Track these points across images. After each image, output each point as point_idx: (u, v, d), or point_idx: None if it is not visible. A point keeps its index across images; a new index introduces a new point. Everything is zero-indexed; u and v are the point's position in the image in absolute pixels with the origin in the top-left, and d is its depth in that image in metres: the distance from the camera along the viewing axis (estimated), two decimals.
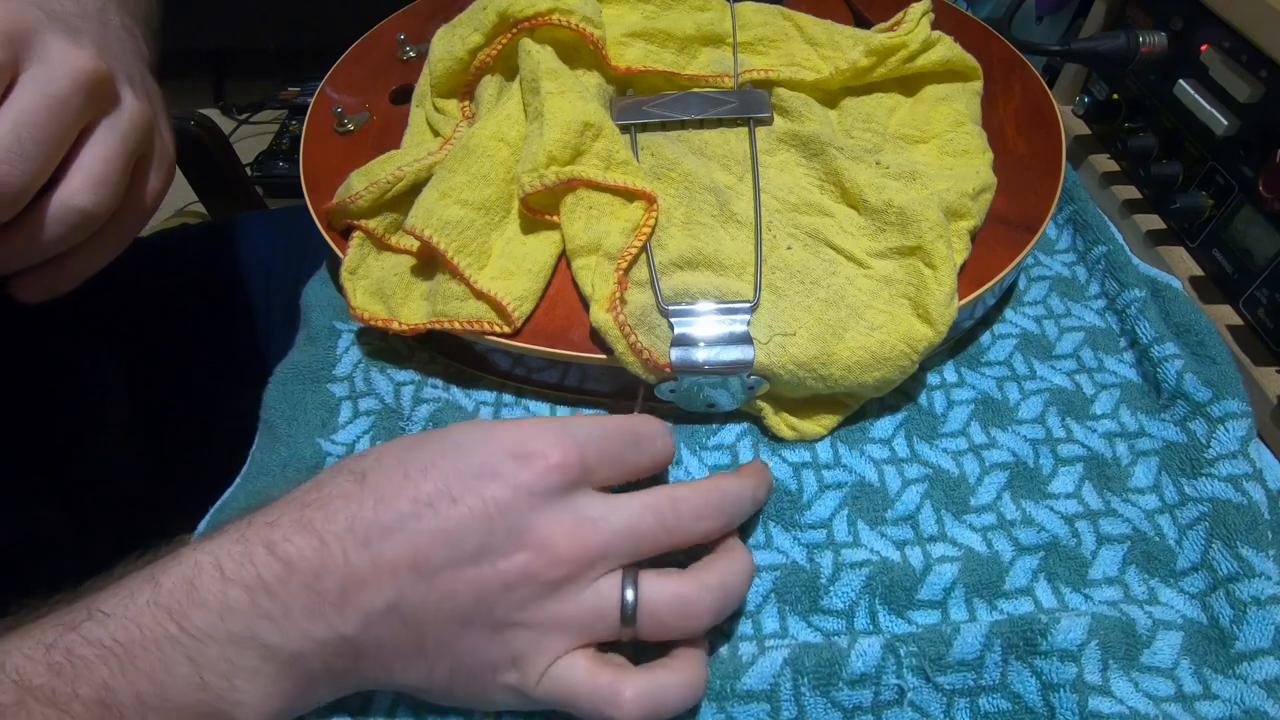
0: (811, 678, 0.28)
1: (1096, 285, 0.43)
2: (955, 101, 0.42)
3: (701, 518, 0.28)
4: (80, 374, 0.52)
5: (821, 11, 0.47)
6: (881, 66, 0.42)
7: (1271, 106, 0.40)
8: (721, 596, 0.27)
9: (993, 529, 0.34)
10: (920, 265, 0.35)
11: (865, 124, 0.42)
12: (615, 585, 0.26)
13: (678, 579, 0.27)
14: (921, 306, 0.34)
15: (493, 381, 0.39)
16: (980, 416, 0.37)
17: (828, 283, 0.35)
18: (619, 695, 0.25)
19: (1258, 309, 0.42)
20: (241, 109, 1.69)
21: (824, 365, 0.34)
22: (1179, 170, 0.47)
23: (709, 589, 0.27)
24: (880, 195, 0.37)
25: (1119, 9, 0.51)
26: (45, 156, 0.30)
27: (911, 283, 0.35)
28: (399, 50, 0.49)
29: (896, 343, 0.34)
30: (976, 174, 0.39)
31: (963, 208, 0.37)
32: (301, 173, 0.42)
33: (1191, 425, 0.35)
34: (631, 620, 0.26)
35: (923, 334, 0.34)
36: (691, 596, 0.26)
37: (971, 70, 0.43)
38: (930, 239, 0.35)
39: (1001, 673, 0.28)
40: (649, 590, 0.26)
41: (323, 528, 0.24)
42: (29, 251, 0.32)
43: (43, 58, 0.30)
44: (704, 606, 0.26)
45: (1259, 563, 0.31)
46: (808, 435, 0.36)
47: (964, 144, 0.41)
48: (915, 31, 0.42)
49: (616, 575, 0.26)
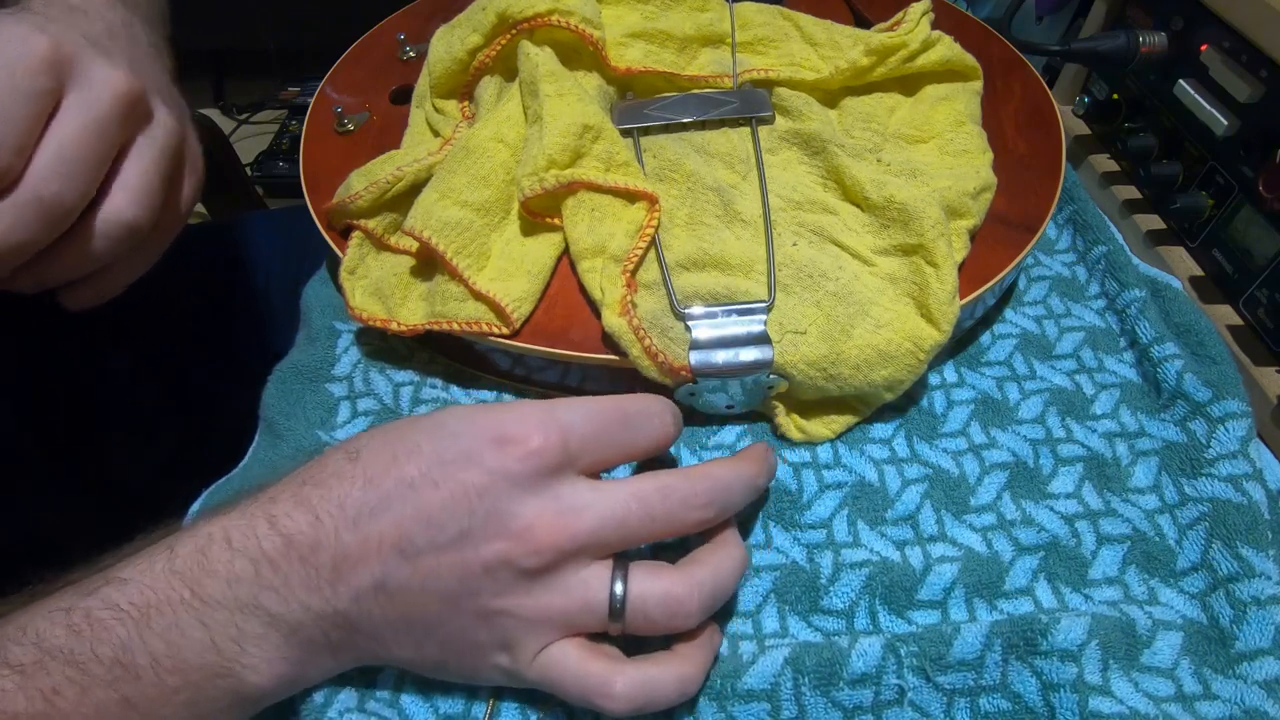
0: (812, 677, 0.28)
1: (1096, 285, 0.43)
2: (955, 101, 0.42)
3: (693, 507, 0.27)
4: (80, 374, 0.52)
5: (821, 11, 0.47)
6: (881, 66, 0.42)
7: (1271, 106, 0.40)
8: (712, 593, 0.27)
9: (993, 529, 0.34)
10: (922, 263, 0.35)
11: (865, 124, 0.42)
12: (604, 578, 0.26)
13: (669, 576, 0.27)
14: (924, 306, 0.34)
15: (493, 381, 0.39)
16: (980, 416, 0.37)
17: (835, 276, 0.35)
18: (610, 686, 0.25)
19: (1258, 309, 0.42)
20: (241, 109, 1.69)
21: (833, 364, 0.34)
22: (1179, 170, 0.47)
23: (699, 586, 0.26)
24: (881, 191, 0.37)
25: (1119, 9, 0.51)
26: (91, 175, 0.32)
27: (915, 281, 0.35)
28: (399, 50, 0.49)
29: (903, 341, 0.34)
30: (977, 174, 0.39)
31: (963, 206, 0.37)
32: (301, 173, 0.42)
33: (1191, 425, 0.35)
34: (620, 616, 0.26)
35: (928, 334, 0.34)
36: (681, 595, 0.26)
37: (971, 70, 0.43)
38: (931, 237, 0.35)
39: (1001, 673, 0.28)
40: (638, 587, 0.26)
41: (318, 505, 0.25)
42: (79, 264, 0.34)
43: (84, 81, 0.32)
44: (693, 605, 0.26)
45: (1259, 563, 0.31)
46: (815, 438, 0.36)
47: (964, 144, 0.41)
48: (915, 31, 0.42)
49: (605, 567, 0.26)
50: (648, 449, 0.28)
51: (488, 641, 0.26)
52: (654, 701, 0.26)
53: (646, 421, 0.28)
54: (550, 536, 0.25)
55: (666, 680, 0.26)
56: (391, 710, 0.29)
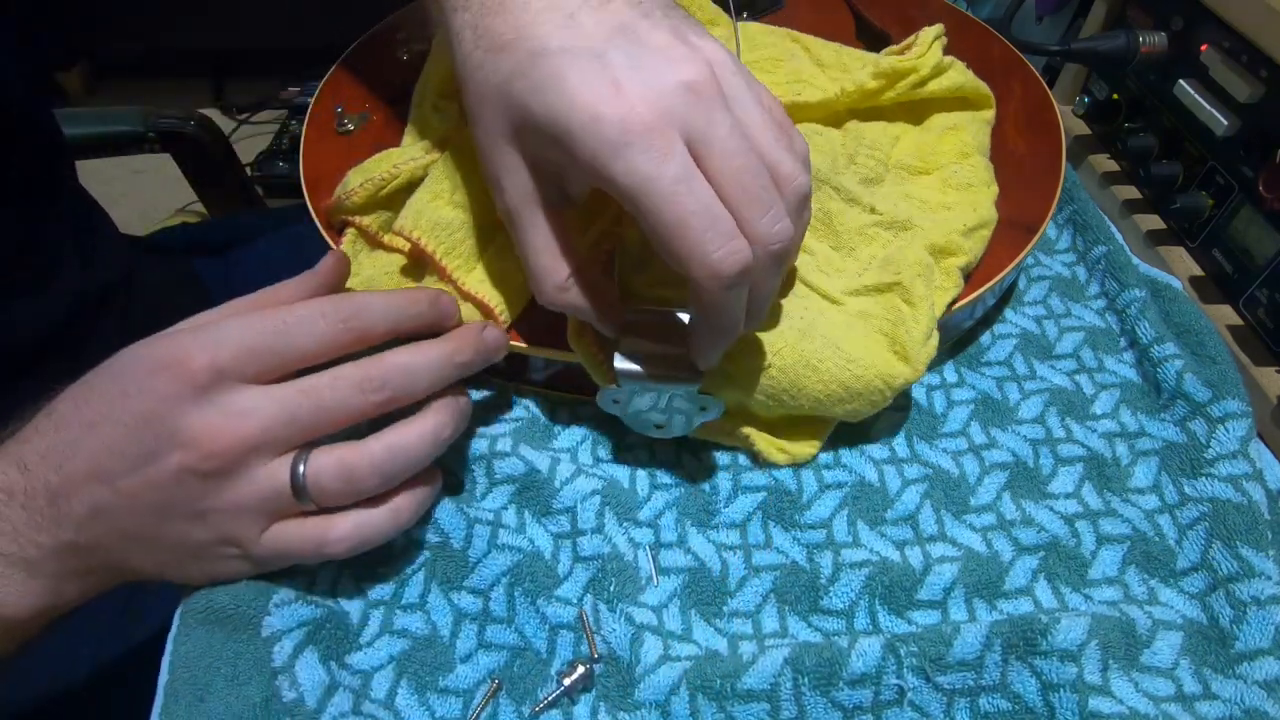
0: (812, 677, 0.28)
1: (1096, 285, 0.43)
2: (963, 131, 0.42)
3: (366, 391, 0.29)
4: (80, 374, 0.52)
5: (822, 10, 0.47)
6: (890, 90, 0.41)
7: (1271, 106, 0.40)
8: (387, 458, 0.29)
9: (993, 529, 0.34)
10: (899, 302, 0.35)
11: (870, 151, 0.41)
12: (287, 465, 0.29)
13: (344, 448, 0.29)
14: (898, 343, 0.34)
15: (492, 381, 0.39)
16: (980, 416, 0.37)
17: (799, 314, 0.34)
18: (327, 535, 0.29)
19: (1258, 309, 0.42)
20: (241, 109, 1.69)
21: (792, 397, 0.33)
22: (1179, 170, 0.47)
23: (371, 454, 0.29)
24: (867, 249, 0.37)
25: (1119, 9, 0.51)
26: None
27: (888, 318, 0.35)
28: (399, 50, 0.49)
29: (873, 378, 0.33)
30: (975, 210, 0.38)
31: (953, 245, 0.37)
32: (301, 173, 0.42)
33: (1191, 425, 0.35)
34: (303, 492, 0.29)
35: (899, 371, 0.33)
36: (352, 461, 0.29)
37: (984, 98, 0.42)
38: (909, 277, 0.35)
39: (1001, 673, 0.28)
40: (314, 464, 0.29)
41: (26, 457, 0.29)
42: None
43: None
44: (365, 469, 0.29)
45: (1259, 563, 0.31)
46: (799, 457, 0.36)
47: (968, 177, 0.40)
48: (926, 56, 0.41)
49: (290, 457, 0.29)
50: (317, 352, 0.30)
51: (209, 540, 0.29)
52: (369, 539, 0.30)
53: (308, 327, 0.30)
54: (220, 441, 0.28)
55: (378, 518, 0.30)
56: (387, 712, 0.29)
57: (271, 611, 0.30)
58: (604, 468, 0.36)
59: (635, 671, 0.29)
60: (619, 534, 0.33)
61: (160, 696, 0.29)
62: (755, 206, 0.26)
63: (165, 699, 0.29)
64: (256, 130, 1.66)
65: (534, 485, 0.34)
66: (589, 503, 0.33)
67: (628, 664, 0.29)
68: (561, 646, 0.31)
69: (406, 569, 0.33)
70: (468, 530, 0.33)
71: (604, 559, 0.32)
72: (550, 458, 0.35)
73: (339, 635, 0.31)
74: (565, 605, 0.32)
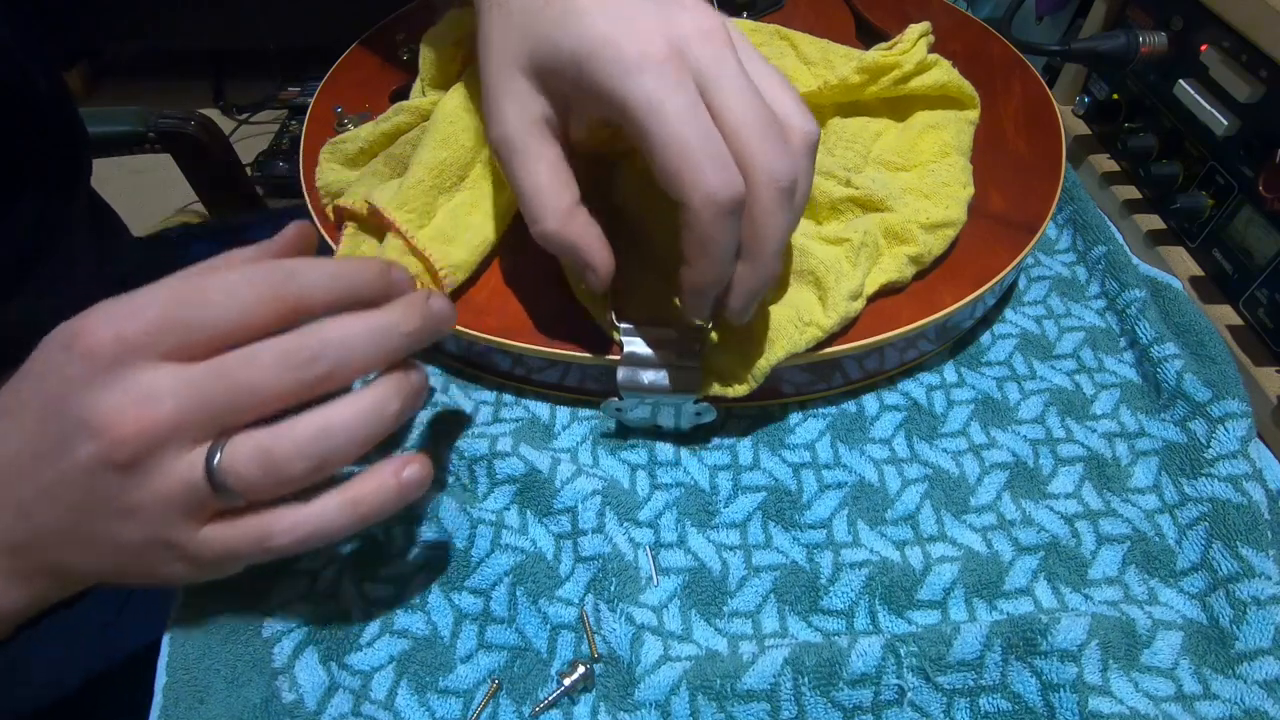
0: (812, 677, 0.28)
1: (1096, 285, 0.43)
2: (944, 131, 0.41)
3: (292, 367, 0.25)
4: None
5: (822, 10, 0.47)
6: (873, 85, 0.41)
7: (1271, 106, 0.40)
8: (315, 440, 0.25)
9: (993, 529, 0.34)
10: (840, 255, 0.35)
11: (849, 144, 0.41)
12: (203, 453, 0.25)
13: (264, 432, 0.25)
14: (824, 288, 0.34)
15: (493, 381, 0.39)
16: (980, 416, 0.37)
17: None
18: (270, 530, 0.26)
19: (1258, 309, 0.42)
20: (241, 109, 1.69)
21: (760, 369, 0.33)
22: (1179, 170, 0.47)
23: (295, 436, 0.25)
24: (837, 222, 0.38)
25: (1119, 9, 0.51)
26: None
27: (824, 264, 0.35)
28: (399, 50, 0.49)
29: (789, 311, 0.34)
30: (944, 209, 0.38)
31: (907, 234, 0.36)
32: (301, 173, 0.42)
33: (1191, 425, 0.35)
34: (221, 485, 0.25)
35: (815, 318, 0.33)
36: (271, 445, 0.25)
37: (968, 99, 0.42)
38: (856, 241, 0.35)
39: (1001, 673, 0.28)
40: (230, 451, 0.25)
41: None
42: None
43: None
44: (289, 454, 0.25)
45: (1259, 563, 0.31)
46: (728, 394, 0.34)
47: (944, 176, 0.39)
48: (910, 52, 0.41)
49: (207, 445, 0.25)
50: (240, 323, 0.26)
51: (142, 540, 0.26)
52: (321, 534, 0.26)
53: (231, 296, 0.26)
54: (127, 427, 0.24)
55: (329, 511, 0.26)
56: (386, 713, 0.29)
57: (272, 612, 0.30)
58: (604, 468, 0.36)
59: (635, 671, 0.29)
60: (619, 534, 0.33)
61: (159, 699, 0.29)
62: (760, 142, 0.27)
63: (164, 701, 0.29)
64: (256, 130, 1.66)
65: (535, 485, 0.34)
66: (589, 503, 0.33)
67: (628, 664, 0.29)
68: (562, 646, 0.31)
69: (407, 569, 0.33)
70: (471, 531, 0.33)
71: (604, 559, 0.32)
72: (551, 458, 0.35)
73: (339, 635, 0.31)
74: (566, 605, 0.32)
